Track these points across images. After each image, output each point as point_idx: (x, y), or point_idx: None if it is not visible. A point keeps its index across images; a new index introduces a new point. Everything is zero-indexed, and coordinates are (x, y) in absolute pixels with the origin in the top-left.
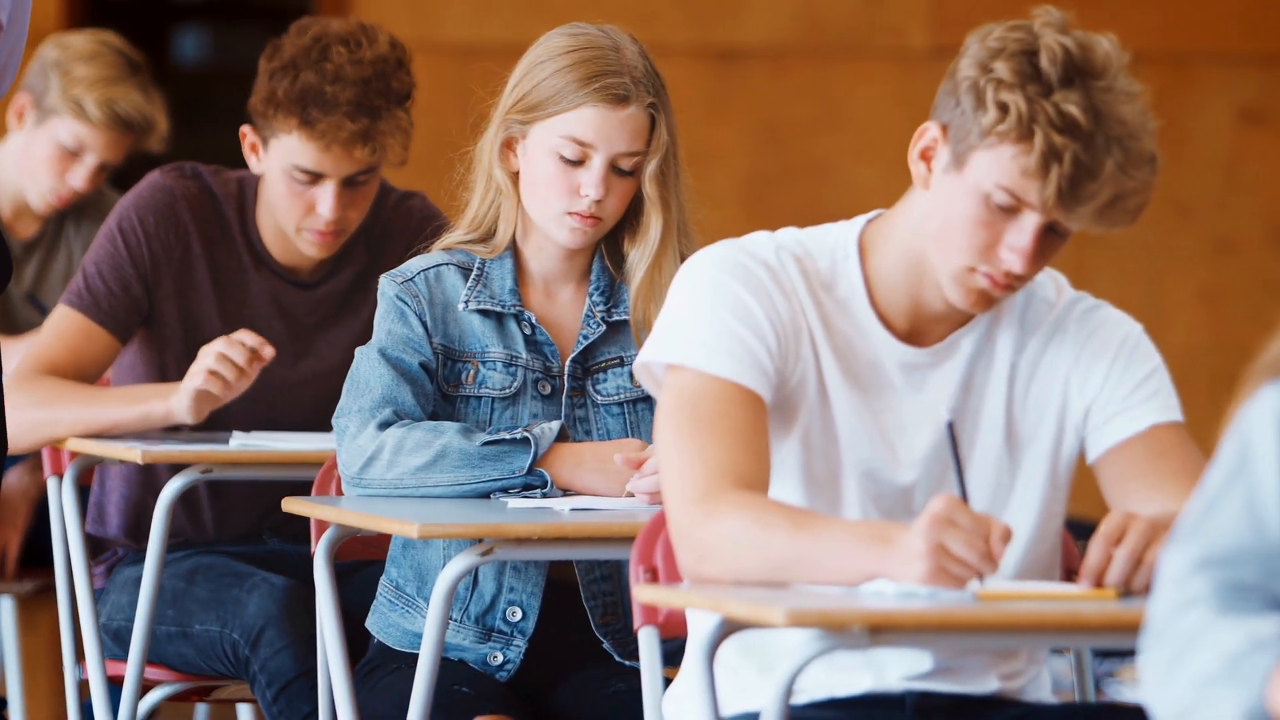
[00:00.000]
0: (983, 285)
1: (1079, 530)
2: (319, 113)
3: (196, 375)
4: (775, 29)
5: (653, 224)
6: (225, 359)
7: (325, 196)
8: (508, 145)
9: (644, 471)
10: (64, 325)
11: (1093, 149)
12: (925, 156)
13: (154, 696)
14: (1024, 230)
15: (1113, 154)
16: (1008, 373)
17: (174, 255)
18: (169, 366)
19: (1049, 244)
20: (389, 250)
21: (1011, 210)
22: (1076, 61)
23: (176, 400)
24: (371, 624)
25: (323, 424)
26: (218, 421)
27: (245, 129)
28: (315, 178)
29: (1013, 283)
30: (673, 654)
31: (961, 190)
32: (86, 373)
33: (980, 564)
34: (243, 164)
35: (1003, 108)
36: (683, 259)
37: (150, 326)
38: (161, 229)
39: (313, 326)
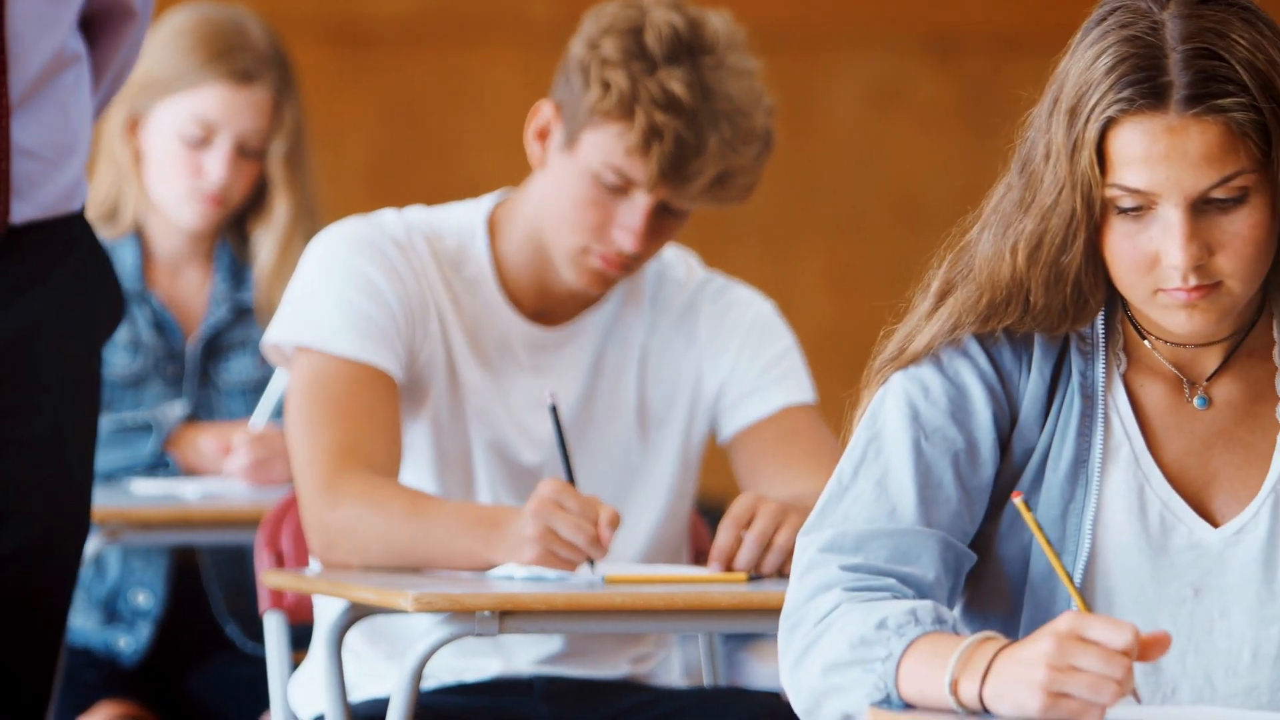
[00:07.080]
0: (597, 265)
1: (709, 512)
2: None
3: None
4: (403, 6)
5: (279, 206)
6: None
7: None
8: (131, 125)
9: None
10: None
11: (696, 125)
12: (541, 136)
13: None
14: (635, 209)
15: (719, 130)
16: (639, 354)
17: None
18: None
19: (664, 223)
20: None
21: (621, 189)
22: (684, 38)
23: None
24: None
25: None
26: None
27: None
28: None
29: (628, 262)
30: (302, 638)
31: (573, 170)
32: None
33: (588, 548)
34: None
35: (606, 86)
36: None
37: None
38: None
39: None
